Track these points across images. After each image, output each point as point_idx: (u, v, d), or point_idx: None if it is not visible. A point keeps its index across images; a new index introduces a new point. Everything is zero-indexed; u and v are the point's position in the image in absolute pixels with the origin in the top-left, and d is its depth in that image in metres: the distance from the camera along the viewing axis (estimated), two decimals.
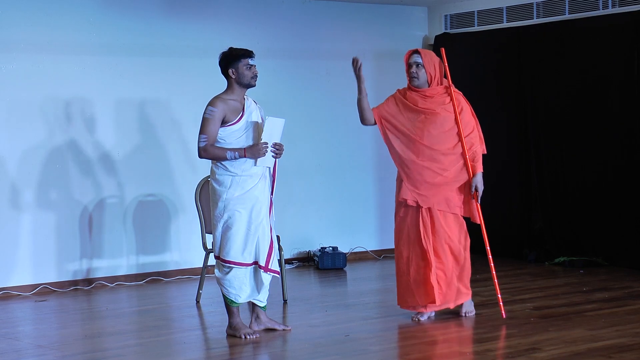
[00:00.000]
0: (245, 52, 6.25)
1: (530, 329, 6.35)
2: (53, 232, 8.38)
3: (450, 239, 6.61)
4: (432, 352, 6.05)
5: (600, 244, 8.97)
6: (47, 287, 8.31)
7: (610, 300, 7.31)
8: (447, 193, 6.60)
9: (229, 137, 6.17)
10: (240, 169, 6.16)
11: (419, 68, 6.60)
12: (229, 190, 6.16)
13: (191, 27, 8.98)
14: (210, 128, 6.13)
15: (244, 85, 6.25)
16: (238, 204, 6.15)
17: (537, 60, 9.36)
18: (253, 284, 6.28)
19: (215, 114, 6.13)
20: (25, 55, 8.25)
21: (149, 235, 8.82)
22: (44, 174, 8.33)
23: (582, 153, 9.08)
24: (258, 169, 6.21)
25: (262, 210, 6.21)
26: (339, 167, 9.87)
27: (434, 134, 6.57)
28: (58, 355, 6.01)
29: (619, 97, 8.76)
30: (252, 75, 6.24)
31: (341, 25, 9.84)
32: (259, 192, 6.20)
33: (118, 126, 8.66)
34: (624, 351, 5.67)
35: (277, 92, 9.41)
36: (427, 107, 6.61)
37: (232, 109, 6.19)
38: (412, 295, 6.68)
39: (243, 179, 6.17)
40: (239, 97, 6.25)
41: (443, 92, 6.65)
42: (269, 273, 6.27)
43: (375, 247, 10.07)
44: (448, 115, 6.60)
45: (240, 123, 6.19)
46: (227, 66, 6.23)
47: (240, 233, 6.16)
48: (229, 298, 6.25)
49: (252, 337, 6.21)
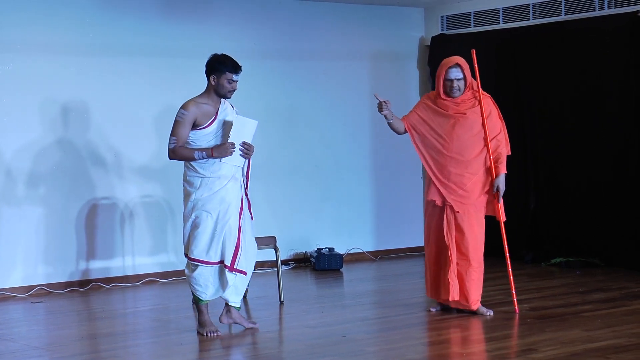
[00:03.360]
0: (233, 66, 6.32)
1: (527, 330, 6.35)
2: (49, 233, 8.37)
3: (475, 239, 6.72)
4: (429, 353, 6.04)
5: (597, 244, 8.97)
6: (43, 289, 8.29)
7: (607, 301, 7.31)
8: (476, 195, 6.73)
9: (200, 140, 6.32)
10: (209, 171, 6.33)
11: (460, 82, 6.71)
12: (198, 191, 6.35)
13: (188, 28, 8.98)
14: (180, 130, 6.30)
15: (219, 95, 6.37)
16: (206, 204, 6.33)
17: (533, 61, 9.36)
18: (218, 282, 6.42)
19: (186, 117, 6.28)
20: (22, 56, 8.24)
21: (145, 237, 8.81)
22: (40, 175, 8.32)
23: (578, 154, 9.08)
24: (227, 171, 6.34)
25: (229, 210, 6.34)
26: (336, 168, 9.87)
27: (464, 137, 6.71)
28: (54, 356, 6.00)
29: (615, 98, 8.76)
30: (230, 89, 6.36)
31: (338, 26, 9.84)
32: (226, 193, 6.34)
33: (114, 127, 8.65)
34: (620, 352, 5.67)
35: (273, 92, 9.41)
36: (457, 111, 6.74)
37: (204, 113, 6.32)
38: (438, 287, 6.85)
39: (211, 180, 6.33)
40: (214, 102, 6.37)
41: (472, 97, 6.76)
42: (234, 272, 6.37)
43: (372, 248, 10.07)
44: (476, 119, 6.73)
45: (212, 127, 6.33)
46: (211, 72, 6.35)
47: (206, 233, 6.33)
48: (196, 295, 6.44)
49: (213, 334, 6.37)
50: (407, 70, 10.29)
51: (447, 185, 6.74)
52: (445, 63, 6.74)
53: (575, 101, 9.07)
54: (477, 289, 6.77)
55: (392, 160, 10.16)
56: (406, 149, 10.19)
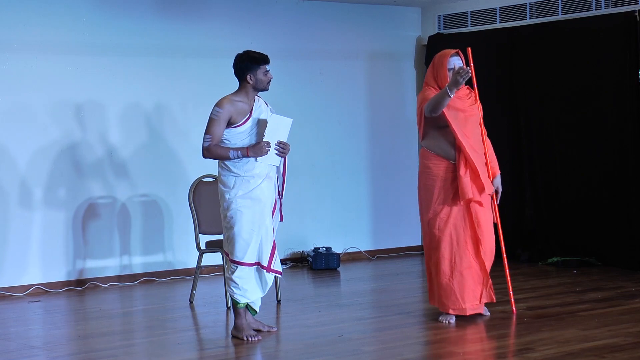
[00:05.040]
0: (263, 58, 6.24)
1: (524, 329, 6.35)
2: (45, 233, 8.36)
3: (491, 237, 6.61)
4: (425, 352, 6.05)
5: (593, 244, 8.98)
6: (40, 288, 8.29)
7: (603, 300, 7.32)
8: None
9: (234, 138, 6.18)
10: (242, 170, 6.18)
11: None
12: (232, 190, 6.19)
13: (185, 27, 8.98)
14: (215, 129, 6.15)
15: (259, 89, 6.27)
16: (241, 204, 6.17)
17: (530, 60, 9.37)
18: (257, 284, 6.31)
19: (221, 115, 6.14)
20: (18, 56, 8.24)
21: (143, 236, 8.80)
22: (35, 175, 8.32)
23: (575, 153, 9.09)
24: (261, 170, 6.22)
25: (264, 210, 6.24)
26: (333, 167, 9.87)
27: (475, 132, 6.60)
28: (51, 356, 6.00)
29: (612, 97, 8.77)
30: (268, 81, 6.26)
31: (335, 26, 9.85)
32: (261, 192, 6.22)
33: (110, 126, 8.65)
34: (616, 351, 5.68)
35: (270, 92, 9.35)
36: (463, 107, 6.60)
37: (239, 111, 6.19)
38: (455, 297, 6.56)
39: (246, 179, 6.19)
40: (249, 99, 6.25)
41: (469, 93, 6.70)
42: (272, 273, 6.30)
43: (369, 247, 10.07)
44: (478, 115, 6.64)
45: (246, 125, 6.20)
46: (246, 71, 6.20)
47: (242, 233, 6.18)
48: (234, 298, 6.27)
49: (254, 339, 6.20)
50: (404, 69, 10.29)
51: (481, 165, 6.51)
52: (444, 53, 6.61)
53: (572, 101, 9.08)
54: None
55: (389, 159, 10.17)
56: (403, 148, 10.27)
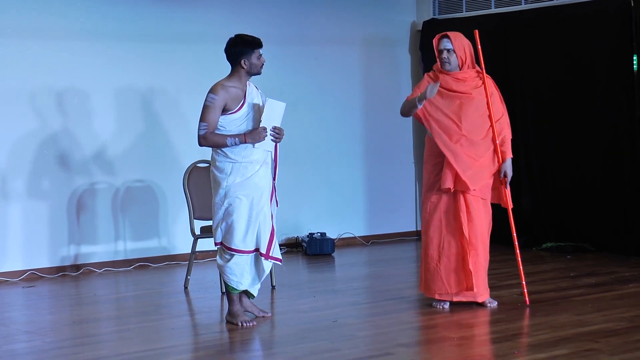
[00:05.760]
0: (256, 42, 6.19)
1: (518, 314, 6.37)
2: (41, 218, 8.36)
3: (482, 226, 6.57)
4: (419, 338, 6.07)
5: (588, 229, 9.00)
6: (35, 273, 8.29)
7: (597, 285, 7.34)
8: (486, 179, 6.58)
9: (230, 124, 6.13)
10: (240, 156, 6.13)
11: (449, 53, 6.55)
12: (230, 177, 6.13)
13: (180, 13, 8.95)
14: (210, 116, 6.08)
15: (253, 74, 6.22)
16: (239, 190, 6.12)
17: (524, 46, 9.36)
18: (254, 271, 6.28)
19: (216, 102, 6.07)
20: (12, 41, 8.21)
21: (137, 221, 8.80)
22: (31, 160, 8.31)
23: (569, 139, 9.09)
24: (259, 155, 6.17)
25: (263, 196, 6.20)
26: (327, 153, 9.87)
27: (472, 117, 6.53)
28: (46, 340, 6.01)
29: (607, 84, 8.77)
30: (261, 65, 6.22)
31: (329, 11, 9.83)
32: (259, 179, 6.18)
33: (106, 112, 8.64)
34: (610, 336, 5.69)
35: (265, 78, 9.31)
36: (462, 90, 6.57)
37: (234, 97, 6.13)
38: (440, 282, 6.58)
39: (243, 165, 6.14)
40: (242, 84, 6.19)
41: (475, 76, 6.63)
42: (270, 260, 6.28)
43: (363, 232, 10.08)
44: (482, 99, 6.58)
45: (242, 111, 6.15)
46: (240, 56, 6.14)
47: (241, 220, 6.13)
48: (230, 285, 6.23)
49: (249, 324, 6.19)
50: (399, 55, 10.28)
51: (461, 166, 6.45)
52: (437, 35, 6.66)
53: (566, 86, 9.08)
54: (484, 281, 6.62)
55: (384, 145, 10.16)
56: (398, 133, 10.26)
